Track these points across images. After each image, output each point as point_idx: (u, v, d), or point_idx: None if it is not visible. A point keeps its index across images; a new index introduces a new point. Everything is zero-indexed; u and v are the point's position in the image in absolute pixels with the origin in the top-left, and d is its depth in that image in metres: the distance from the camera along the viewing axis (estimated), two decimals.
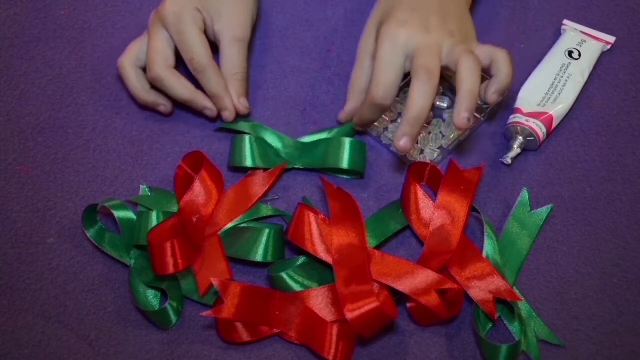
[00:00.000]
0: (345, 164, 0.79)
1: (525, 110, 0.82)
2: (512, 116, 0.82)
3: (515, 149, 0.81)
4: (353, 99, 0.82)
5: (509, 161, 0.80)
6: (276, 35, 0.91)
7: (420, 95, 0.73)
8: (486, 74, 0.77)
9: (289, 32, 0.91)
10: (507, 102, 0.85)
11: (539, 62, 0.87)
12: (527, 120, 0.81)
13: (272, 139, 0.82)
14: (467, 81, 0.73)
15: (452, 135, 0.82)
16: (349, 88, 0.83)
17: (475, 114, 0.83)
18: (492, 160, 0.82)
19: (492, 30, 0.90)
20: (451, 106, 0.85)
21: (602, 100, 0.85)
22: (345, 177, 0.82)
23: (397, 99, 0.84)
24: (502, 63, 0.75)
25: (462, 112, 0.73)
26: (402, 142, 0.74)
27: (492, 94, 0.76)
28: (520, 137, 0.81)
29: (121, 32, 0.91)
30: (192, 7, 0.80)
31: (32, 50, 0.90)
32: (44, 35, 0.91)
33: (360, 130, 0.83)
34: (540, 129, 0.81)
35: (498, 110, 0.85)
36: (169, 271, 0.72)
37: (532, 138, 0.81)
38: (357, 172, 0.81)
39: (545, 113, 0.81)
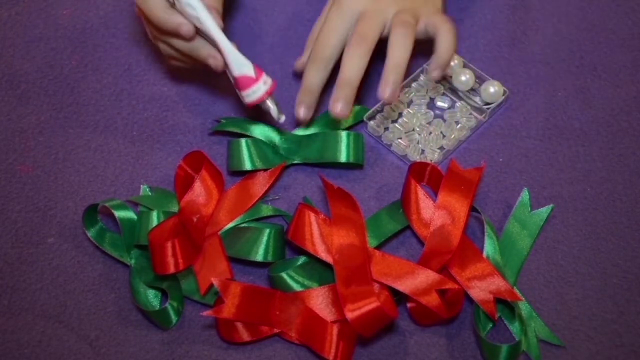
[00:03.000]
0: (343, 157, 0.80)
1: None
2: None
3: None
4: (310, 47, 0.83)
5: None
6: (277, 35, 0.91)
7: (350, 59, 0.75)
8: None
9: (290, 32, 0.91)
10: (508, 101, 0.85)
11: (539, 61, 0.88)
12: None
13: (267, 134, 0.82)
14: (392, 55, 0.74)
15: (453, 136, 0.82)
16: (309, 37, 0.84)
17: (476, 114, 0.84)
18: (492, 160, 0.82)
19: (492, 30, 0.90)
20: (452, 106, 0.85)
21: (602, 100, 0.85)
22: (345, 169, 0.82)
23: (398, 98, 0.84)
24: (442, 37, 0.75)
25: (384, 85, 0.74)
26: (337, 109, 0.76)
27: (432, 70, 0.77)
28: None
29: (122, 32, 0.91)
30: None
31: (33, 49, 0.90)
32: (45, 34, 0.91)
33: (305, 104, 0.80)
34: None
35: (498, 110, 0.85)
36: (170, 271, 0.72)
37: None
38: (356, 165, 0.81)
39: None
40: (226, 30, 0.75)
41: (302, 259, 0.75)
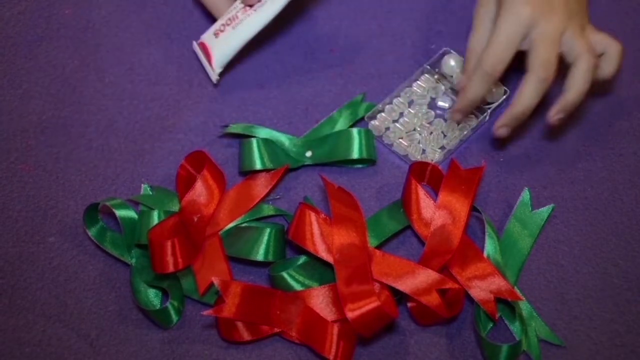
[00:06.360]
0: (355, 153, 0.80)
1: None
2: None
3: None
4: (471, 61, 0.79)
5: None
6: (278, 34, 0.91)
7: (531, 92, 0.74)
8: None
9: (291, 31, 0.91)
10: (508, 101, 0.85)
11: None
12: None
13: (277, 138, 0.82)
14: (574, 88, 0.74)
15: (454, 135, 0.82)
16: (467, 53, 0.80)
17: (477, 114, 0.83)
18: (492, 160, 0.82)
19: None
20: (453, 106, 0.85)
21: (602, 100, 0.85)
22: (359, 166, 0.82)
23: (399, 99, 0.84)
24: (612, 58, 0.76)
25: (555, 112, 0.75)
26: (501, 132, 0.78)
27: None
28: None
29: (124, 32, 0.91)
30: None
31: (35, 49, 0.90)
32: (47, 34, 0.91)
33: (461, 112, 0.79)
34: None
35: (498, 110, 0.85)
36: (169, 270, 0.72)
37: None
38: (368, 161, 0.81)
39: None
40: None
41: (302, 259, 0.75)
